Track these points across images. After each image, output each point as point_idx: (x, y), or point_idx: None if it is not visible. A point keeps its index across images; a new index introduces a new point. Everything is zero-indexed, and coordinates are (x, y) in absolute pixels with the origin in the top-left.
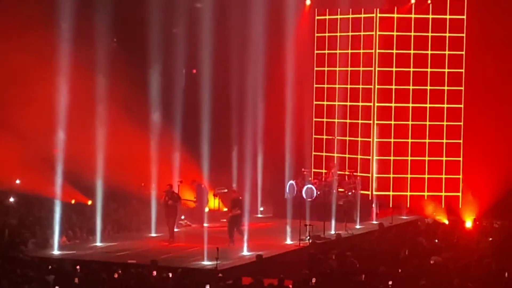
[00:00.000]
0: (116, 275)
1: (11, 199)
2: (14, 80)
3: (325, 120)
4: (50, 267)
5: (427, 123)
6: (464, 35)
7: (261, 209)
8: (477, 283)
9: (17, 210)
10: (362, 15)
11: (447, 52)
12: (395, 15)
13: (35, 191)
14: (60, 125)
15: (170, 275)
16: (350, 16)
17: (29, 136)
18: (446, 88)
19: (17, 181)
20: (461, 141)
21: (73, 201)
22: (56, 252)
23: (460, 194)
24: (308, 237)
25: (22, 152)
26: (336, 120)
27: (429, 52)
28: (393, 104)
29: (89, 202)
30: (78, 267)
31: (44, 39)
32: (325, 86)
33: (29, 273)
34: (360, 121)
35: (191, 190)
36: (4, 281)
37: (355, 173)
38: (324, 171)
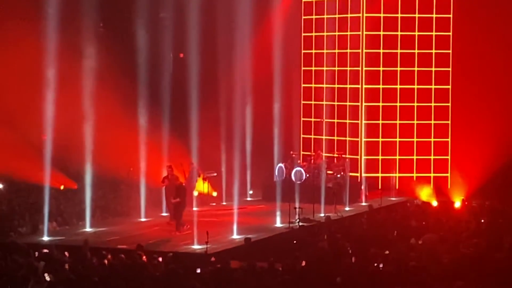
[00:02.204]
0: (106, 261)
1: (0, 185)
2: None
3: (313, 102)
4: (37, 253)
5: (415, 104)
6: (451, 15)
7: (250, 192)
8: (466, 262)
9: (5, 196)
10: None
11: (434, 33)
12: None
13: (24, 177)
14: (48, 111)
15: (160, 259)
16: None
17: (17, 122)
18: (433, 69)
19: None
20: (449, 122)
21: (62, 187)
22: (45, 238)
23: (448, 175)
24: (298, 220)
25: (10, 138)
26: (324, 103)
27: (416, 33)
28: (381, 86)
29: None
30: (66, 253)
31: (30, 25)
32: (313, 68)
33: (19, 259)
34: (348, 103)
35: (179, 172)
36: None
37: (343, 155)
38: (312, 153)
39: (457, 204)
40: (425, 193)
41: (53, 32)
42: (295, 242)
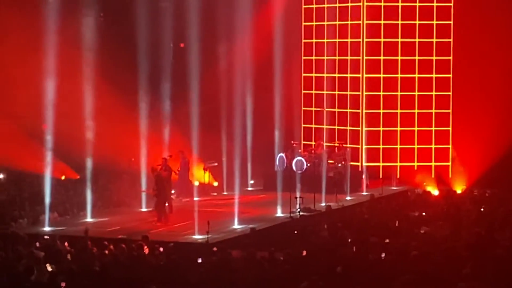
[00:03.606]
0: (107, 251)
1: (0, 176)
2: (1, 57)
3: (314, 92)
4: (39, 243)
5: (416, 93)
6: (451, 4)
7: (252, 182)
8: (467, 250)
9: (6, 186)
10: None
11: (434, 22)
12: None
13: (25, 167)
14: (48, 101)
15: (162, 249)
16: None
17: (18, 112)
18: (434, 58)
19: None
20: (450, 111)
21: (63, 177)
22: (47, 228)
23: (449, 164)
24: (299, 210)
25: (10, 128)
26: (325, 92)
27: (417, 22)
28: (381, 75)
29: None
30: (66, 243)
31: (30, 15)
32: (314, 58)
33: (20, 250)
34: (349, 93)
35: (178, 162)
36: None
37: (344, 145)
38: (313, 143)
39: (458, 193)
40: (426, 182)
41: (53, 22)
42: (296, 232)
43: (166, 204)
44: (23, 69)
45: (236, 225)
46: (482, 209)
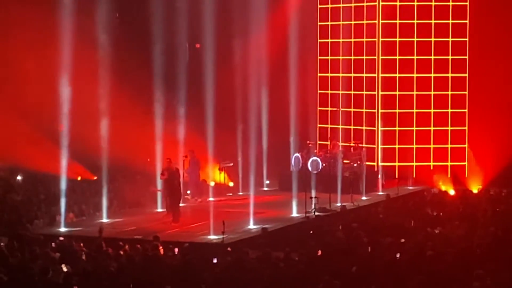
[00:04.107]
0: (122, 251)
1: (18, 177)
2: (17, 56)
3: (329, 92)
4: (54, 244)
5: (432, 93)
6: (467, 3)
7: (267, 182)
8: (482, 250)
9: (23, 187)
10: None
11: (450, 21)
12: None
13: (41, 168)
14: (64, 101)
15: (177, 250)
16: None
17: (34, 113)
18: (450, 57)
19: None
20: (466, 110)
21: (79, 178)
22: (63, 229)
23: (466, 163)
24: (314, 210)
25: (28, 129)
26: (340, 92)
27: (433, 21)
28: (397, 75)
29: (94, 178)
30: (81, 244)
31: (46, 15)
32: (329, 58)
33: (36, 250)
34: (364, 92)
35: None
36: (12, 259)
37: (360, 145)
38: (328, 143)
39: (474, 193)
40: (442, 182)
41: (69, 23)
42: (311, 232)
43: (182, 204)
44: (38, 69)
45: (252, 225)
46: (497, 209)
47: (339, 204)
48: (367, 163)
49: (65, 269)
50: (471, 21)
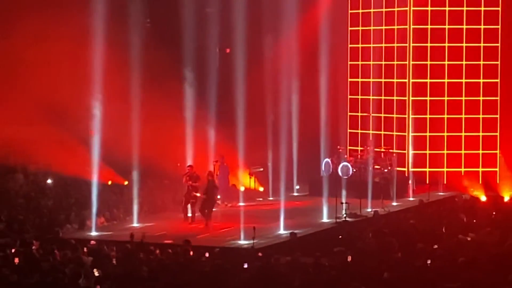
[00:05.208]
0: (153, 256)
1: (49, 181)
2: (48, 63)
3: (360, 97)
4: (86, 248)
5: (463, 98)
6: (499, 8)
7: (297, 187)
8: None
9: (54, 192)
10: None
11: (482, 27)
12: None
13: (72, 173)
14: (95, 107)
15: (207, 254)
16: None
17: (65, 118)
18: (481, 63)
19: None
20: (497, 116)
21: (109, 182)
22: (94, 233)
23: (497, 169)
24: (345, 215)
25: (59, 133)
26: (371, 97)
27: (464, 26)
28: (428, 80)
29: (125, 183)
30: (113, 248)
31: (78, 20)
32: (360, 63)
33: (68, 254)
34: (395, 98)
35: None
36: (44, 263)
37: (391, 150)
38: (359, 148)
39: (506, 199)
40: (474, 188)
41: (101, 29)
42: (340, 237)
43: (214, 209)
44: (71, 75)
45: (282, 231)
46: None
47: (369, 210)
48: (398, 168)
49: (96, 273)
50: (503, 26)
